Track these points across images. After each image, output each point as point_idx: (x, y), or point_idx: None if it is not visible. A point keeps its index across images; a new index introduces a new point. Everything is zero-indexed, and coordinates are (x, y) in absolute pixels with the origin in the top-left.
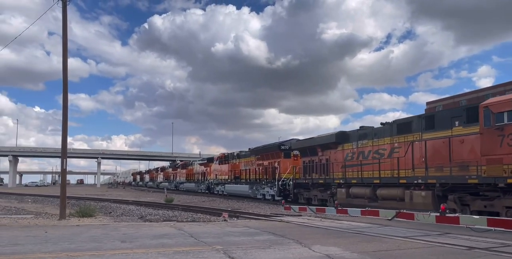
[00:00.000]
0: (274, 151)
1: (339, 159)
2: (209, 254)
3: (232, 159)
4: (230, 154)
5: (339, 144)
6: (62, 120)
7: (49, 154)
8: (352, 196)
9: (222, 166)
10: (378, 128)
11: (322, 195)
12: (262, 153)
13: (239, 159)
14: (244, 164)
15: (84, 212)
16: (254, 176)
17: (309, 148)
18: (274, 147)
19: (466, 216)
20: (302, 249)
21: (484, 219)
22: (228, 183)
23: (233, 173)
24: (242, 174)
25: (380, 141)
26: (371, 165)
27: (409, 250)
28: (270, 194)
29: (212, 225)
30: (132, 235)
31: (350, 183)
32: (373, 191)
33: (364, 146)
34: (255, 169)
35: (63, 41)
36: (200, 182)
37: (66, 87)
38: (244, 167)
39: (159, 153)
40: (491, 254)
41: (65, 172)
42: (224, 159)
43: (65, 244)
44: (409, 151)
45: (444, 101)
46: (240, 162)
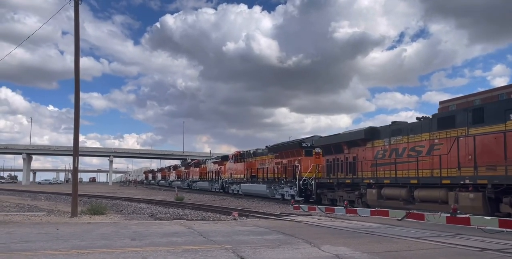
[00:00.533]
0: (294, 149)
1: (368, 157)
2: (218, 253)
3: (248, 157)
4: (245, 152)
5: (368, 140)
6: (74, 119)
7: (62, 152)
8: (384, 198)
9: (237, 164)
10: (415, 123)
11: (349, 196)
12: (281, 151)
13: (256, 157)
14: (260, 162)
15: (95, 209)
16: (272, 175)
17: (333, 145)
18: (294, 145)
19: (478, 217)
20: (311, 249)
21: (495, 220)
22: (244, 182)
23: (249, 171)
24: (259, 172)
25: (417, 137)
26: (407, 163)
27: (420, 251)
28: (290, 194)
29: (221, 224)
30: (142, 233)
31: (382, 183)
32: (409, 192)
33: (397, 143)
34: (273, 167)
35: (75, 40)
36: (214, 180)
37: (78, 86)
38: (260, 165)
39: (170, 151)
40: (504, 256)
41: (77, 170)
42: (240, 157)
43: (76, 241)
44: (454, 148)
45: (457, 100)
46: (256, 160)
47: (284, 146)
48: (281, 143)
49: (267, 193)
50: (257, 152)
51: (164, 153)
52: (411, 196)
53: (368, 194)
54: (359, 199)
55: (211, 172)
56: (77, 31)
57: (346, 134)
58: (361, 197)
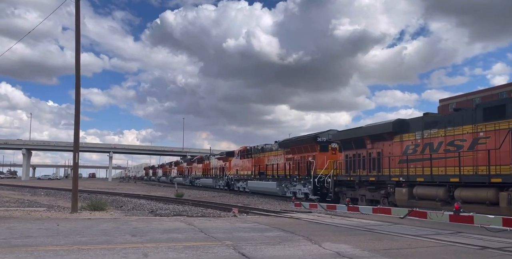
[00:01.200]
0: (308, 144)
1: (395, 152)
2: (219, 249)
3: (255, 152)
4: (253, 147)
5: (396, 134)
6: (75, 115)
7: (62, 148)
8: (417, 198)
9: (244, 161)
10: (454, 115)
11: (373, 195)
12: (293, 146)
13: (264, 152)
14: (270, 158)
15: (95, 205)
16: (283, 172)
17: (354, 139)
18: (308, 139)
19: (481, 216)
20: (312, 246)
21: (499, 218)
22: (251, 179)
23: (257, 168)
24: (268, 169)
25: (457, 130)
26: (444, 159)
27: (420, 248)
28: (303, 192)
29: (222, 221)
30: (143, 229)
31: (414, 182)
32: (448, 192)
33: (432, 136)
34: (284, 163)
35: (76, 36)
36: (218, 177)
37: (78, 82)
38: (270, 161)
39: (170, 148)
40: (504, 254)
41: (77, 165)
42: (246, 152)
43: (77, 237)
44: (506, 142)
45: (457, 99)
46: (265, 156)
47: (297, 140)
48: (293, 137)
49: (277, 191)
50: (266, 147)
51: (164, 149)
52: (449, 196)
53: (397, 193)
54: (384, 198)
55: (215, 168)
56: (78, 26)
57: (370, 127)
58: (388, 197)
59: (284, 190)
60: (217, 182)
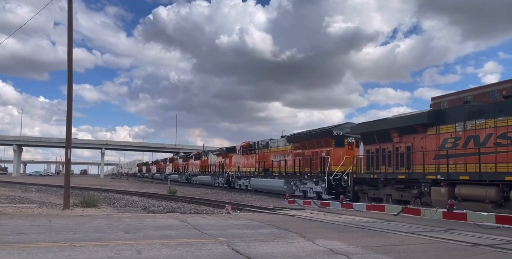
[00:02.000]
0: (322, 138)
1: (430, 146)
2: (213, 246)
3: (259, 148)
4: (257, 143)
5: (431, 126)
6: (67, 110)
7: (53, 144)
8: (459, 198)
9: (247, 157)
10: (505, 102)
11: (401, 195)
12: (303, 141)
13: (269, 148)
14: (276, 154)
15: (87, 202)
16: (291, 169)
17: (378, 132)
18: (322, 133)
19: (474, 213)
20: (305, 243)
21: (492, 216)
22: (255, 176)
23: (262, 164)
24: (274, 166)
25: (510, 120)
26: (494, 154)
27: (413, 245)
28: (315, 191)
29: (215, 217)
30: (136, 226)
31: (456, 180)
32: (501, 192)
33: (478, 128)
34: (293, 160)
35: (68, 31)
36: (217, 174)
37: (71, 77)
38: (276, 157)
39: (162, 144)
40: (496, 251)
41: (69, 161)
42: (249, 148)
43: (69, 234)
44: None
45: (449, 97)
46: (270, 152)
47: (308, 134)
48: (304, 131)
49: (285, 189)
50: (272, 142)
51: (157, 145)
52: (503, 198)
53: (434, 193)
54: (416, 199)
55: (213, 165)
56: (70, 21)
57: (397, 118)
58: (421, 197)
59: (293, 188)
60: (216, 179)
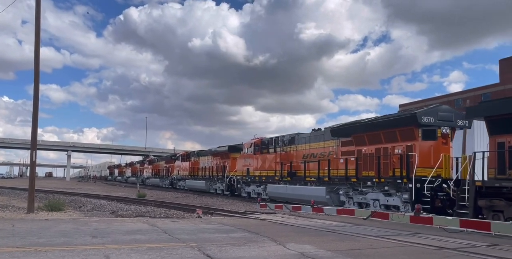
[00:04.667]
0: (398, 128)
1: None
2: (184, 250)
3: (281, 145)
4: (275, 139)
5: None
6: (33, 111)
7: (17, 145)
8: None
9: (261, 157)
10: None
11: None
12: (360, 133)
13: (297, 145)
14: (307, 152)
15: (53, 205)
16: (337, 173)
17: None
18: (401, 120)
19: (440, 217)
20: (276, 247)
21: (457, 220)
22: (274, 182)
23: (286, 166)
24: (308, 168)
25: None
26: None
27: (381, 249)
28: (386, 205)
29: (186, 222)
30: (104, 231)
31: None
32: None
33: None
34: (338, 160)
35: (36, 30)
36: (214, 179)
37: (37, 77)
38: (308, 157)
39: (132, 147)
40: (460, 254)
41: (35, 163)
42: (264, 146)
43: (34, 238)
44: None
45: (416, 104)
46: (297, 149)
47: (370, 124)
48: (362, 120)
49: (327, 200)
50: (302, 137)
51: (126, 148)
52: None
53: None
54: None
55: (209, 168)
56: (38, 20)
57: None
58: None
59: (341, 199)
60: (212, 184)
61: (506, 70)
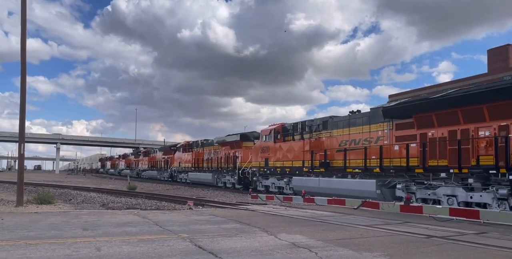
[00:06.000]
0: (487, 102)
1: None
2: (175, 242)
3: (310, 130)
4: (303, 124)
5: None
6: (20, 103)
7: (4, 138)
8: None
9: (283, 145)
10: None
11: None
12: (429, 112)
13: (332, 130)
14: (348, 137)
15: (42, 198)
16: (397, 162)
17: None
18: (493, 92)
19: (429, 206)
20: (268, 237)
21: (446, 208)
22: (302, 175)
23: (319, 156)
24: (351, 157)
25: None
26: None
27: (371, 238)
28: (500, 197)
29: (177, 213)
30: (94, 223)
31: None
32: None
33: None
34: (392, 146)
35: (22, 21)
36: (222, 171)
37: (24, 69)
38: (348, 143)
39: (121, 139)
40: (448, 242)
41: (23, 156)
42: (287, 132)
43: (23, 232)
44: None
45: (405, 94)
46: (332, 136)
47: (445, 99)
48: (439, 95)
49: (377, 195)
50: (337, 120)
51: (115, 140)
52: None
53: None
54: None
55: (216, 159)
56: (23, 11)
57: None
58: None
59: (399, 194)
60: (220, 177)
61: (494, 60)
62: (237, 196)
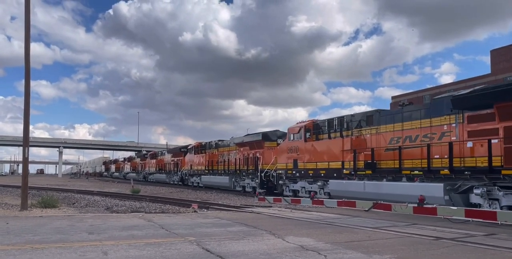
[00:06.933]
0: None
1: None
2: (182, 245)
3: (349, 128)
4: (341, 121)
5: None
6: (24, 107)
7: (7, 142)
8: None
9: (327, 142)
10: None
11: None
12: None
13: (379, 125)
14: (403, 132)
15: (46, 202)
16: (457, 162)
17: None
18: None
19: (444, 207)
20: (275, 240)
21: (462, 210)
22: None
23: (360, 156)
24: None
25: None
26: None
27: (380, 240)
28: None
29: (182, 216)
30: (100, 227)
31: None
32: None
33: None
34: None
35: (26, 26)
36: (245, 173)
37: (28, 73)
38: (404, 134)
39: (124, 142)
40: (458, 244)
41: (27, 160)
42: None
43: (29, 236)
44: None
45: (408, 95)
46: (379, 131)
47: None
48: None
49: (446, 202)
50: (385, 114)
51: (118, 144)
52: None
53: None
54: None
55: (239, 160)
56: (27, 16)
57: None
58: None
59: (475, 201)
60: (238, 181)
61: (497, 61)
62: (242, 198)
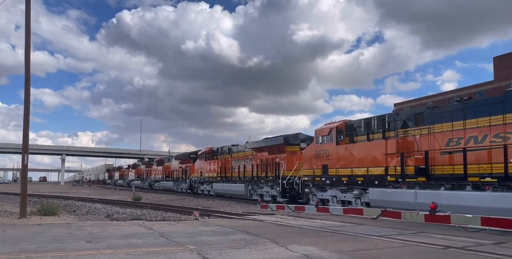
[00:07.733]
0: None
1: None
2: (182, 254)
3: (392, 128)
4: (382, 120)
5: None
6: (24, 113)
7: (10, 150)
8: None
9: (364, 145)
10: None
11: None
12: None
13: (431, 124)
14: (466, 131)
15: (46, 210)
16: None
17: None
18: None
19: (458, 215)
20: (279, 249)
21: (478, 218)
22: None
23: (408, 161)
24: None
25: None
26: None
27: (387, 249)
28: None
29: (183, 224)
30: (99, 235)
31: None
32: None
33: None
34: None
35: (26, 34)
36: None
37: (28, 80)
38: (466, 134)
39: (126, 150)
40: (468, 253)
41: (26, 167)
42: (348, 132)
43: (25, 244)
44: None
45: (411, 103)
46: (433, 131)
47: None
48: None
49: None
50: (439, 111)
51: (120, 151)
52: None
53: None
54: None
55: (254, 166)
56: (28, 24)
57: None
58: None
59: None
60: (255, 188)
61: (500, 68)
62: (243, 206)
